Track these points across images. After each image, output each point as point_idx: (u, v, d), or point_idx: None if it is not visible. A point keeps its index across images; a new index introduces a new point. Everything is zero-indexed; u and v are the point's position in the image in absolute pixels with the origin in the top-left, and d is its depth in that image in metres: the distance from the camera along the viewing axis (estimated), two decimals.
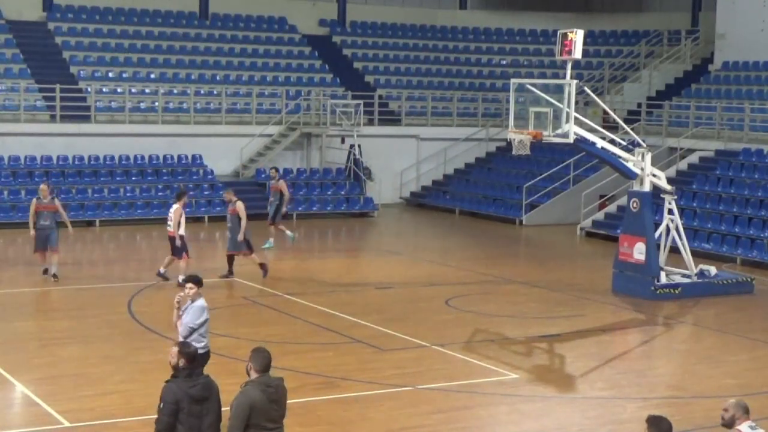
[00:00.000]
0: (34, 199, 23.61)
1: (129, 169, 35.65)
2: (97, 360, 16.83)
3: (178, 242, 22.62)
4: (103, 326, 19.29)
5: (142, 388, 14.66)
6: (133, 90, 38.28)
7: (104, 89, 38.10)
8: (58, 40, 40.11)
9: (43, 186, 24.01)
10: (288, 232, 28.76)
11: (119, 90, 38.09)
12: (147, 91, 38.65)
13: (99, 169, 35.26)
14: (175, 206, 22.86)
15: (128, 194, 34.86)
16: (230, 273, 23.85)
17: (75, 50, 39.74)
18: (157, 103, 37.94)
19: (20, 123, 35.38)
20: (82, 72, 38.59)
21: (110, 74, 39.17)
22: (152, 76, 39.60)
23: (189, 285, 12.81)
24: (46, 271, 23.19)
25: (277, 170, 29.88)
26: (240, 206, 23.60)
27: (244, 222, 23.43)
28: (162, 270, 23.04)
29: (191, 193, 32.12)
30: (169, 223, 22.81)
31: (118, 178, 35.26)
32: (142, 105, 38.14)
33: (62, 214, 23.59)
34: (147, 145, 36.17)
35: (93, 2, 41.77)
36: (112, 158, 35.68)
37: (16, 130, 34.86)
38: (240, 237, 23.44)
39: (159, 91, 38.22)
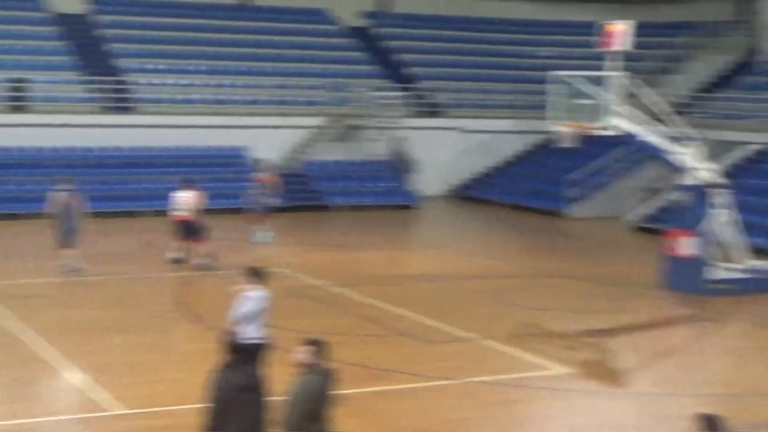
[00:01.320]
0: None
1: (173, 160, 35.77)
2: (146, 349, 16.95)
3: (200, 224, 23.42)
4: (154, 315, 19.38)
5: (189, 378, 14.68)
6: (178, 82, 38.40)
7: (149, 81, 38.25)
8: (104, 32, 40.31)
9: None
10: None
11: (164, 82, 38.23)
12: (191, 83, 38.78)
13: (143, 160, 35.42)
14: (193, 192, 23.55)
15: (171, 185, 34.87)
16: None
17: (120, 42, 39.92)
18: (201, 95, 38.06)
19: (67, 114, 35.60)
20: (128, 64, 38.77)
21: (155, 66, 39.33)
22: (196, 68, 39.72)
23: (244, 276, 12.89)
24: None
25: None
26: None
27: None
28: (174, 255, 23.43)
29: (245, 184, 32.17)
30: (182, 207, 23.45)
31: (163, 169, 35.36)
32: (187, 97, 38.27)
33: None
34: (191, 136, 36.31)
35: None
36: (157, 150, 35.83)
37: (63, 121, 35.10)
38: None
39: (203, 82, 38.32)
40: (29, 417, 13.43)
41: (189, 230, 23.53)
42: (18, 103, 35.58)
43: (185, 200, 23.73)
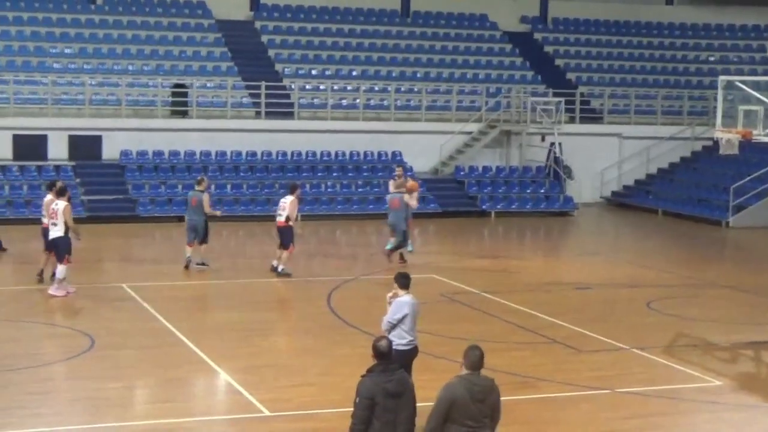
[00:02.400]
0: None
1: (330, 165, 36.20)
2: (297, 352, 17.11)
3: (294, 231, 23.44)
4: (303, 319, 19.59)
5: (340, 382, 14.76)
6: (336, 87, 38.82)
7: (307, 86, 38.78)
8: (264, 38, 41.08)
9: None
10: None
11: (322, 87, 38.70)
12: (349, 88, 39.15)
13: (301, 164, 35.91)
14: (290, 198, 23.34)
15: (329, 190, 35.39)
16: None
17: (280, 48, 40.61)
18: (358, 101, 38.39)
19: (227, 119, 36.41)
20: (286, 69, 39.41)
21: (313, 72, 39.87)
22: (354, 73, 40.11)
23: (395, 282, 12.85)
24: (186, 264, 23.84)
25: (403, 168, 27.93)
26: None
27: None
28: (277, 264, 23.32)
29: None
30: (280, 213, 23.28)
31: (319, 174, 35.84)
32: (344, 102, 38.65)
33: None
34: (348, 141, 36.65)
35: (298, 1, 42.60)
36: (314, 154, 36.27)
37: (224, 126, 35.91)
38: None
39: (360, 88, 38.64)
40: (182, 416, 13.67)
41: (282, 237, 23.39)
42: (180, 108, 36.50)
43: (282, 206, 23.47)
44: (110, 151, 34.78)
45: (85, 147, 34.45)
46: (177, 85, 36.79)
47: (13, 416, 13.28)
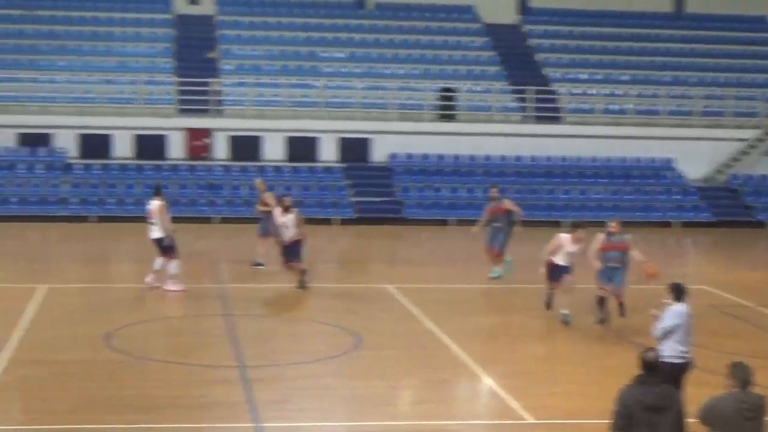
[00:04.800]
0: None
1: (598, 171, 35.55)
2: (559, 358, 16.76)
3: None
4: (568, 326, 19.15)
5: (604, 391, 14.24)
6: (604, 92, 38.08)
7: (576, 91, 38.23)
8: (533, 42, 40.77)
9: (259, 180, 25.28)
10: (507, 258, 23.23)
11: (590, 92, 38.05)
12: (618, 92, 38.34)
13: (567, 170, 35.43)
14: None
15: (596, 196, 34.77)
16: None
17: (548, 52, 40.23)
18: (627, 106, 37.53)
19: (494, 123, 36.33)
20: (554, 74, 38.98)
21: (582, 76, 39.26)
22: (623, 77, 39.23)
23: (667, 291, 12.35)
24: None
25: (498, 188, 24.15)
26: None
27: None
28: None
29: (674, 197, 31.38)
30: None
31: (586, 180, 35.25)
32: (613, 107, 37.86)
33: None
34: (616, 147, 35.89)
35: (567, 5, 42.08)
36: (581, 160, 35.72)
37: (490, 130, 35.84)
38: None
39: (630, 93, 37.76)
40: (444, 419, 13.58)
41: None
42: (447, 111, 36.69)
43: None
44: (379, 153, 35.36)
45: (354, 149, 35.17)
46: (445, 89, 37.03)
47: (280, 410, 13.53)
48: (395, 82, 37.38)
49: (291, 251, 21.33)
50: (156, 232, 20.89)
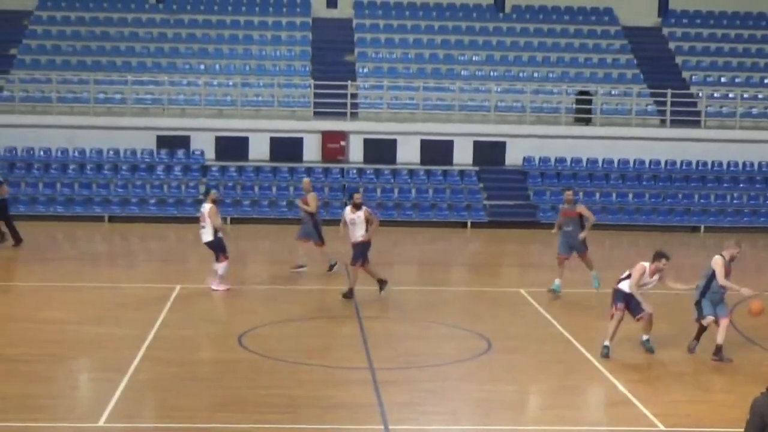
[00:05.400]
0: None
1: (737, 175, 34.74)
2: (693, 365, 16.36)
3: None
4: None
5: (737, 399, 13.97)
6: (746, 95, 37.16)
7: (716, 94, 37.41)
8: (672, 45, 40.05)
9: (306, 180, 24.66)
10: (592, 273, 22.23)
11: (731, 95, 37.18)
12: (760, 96, 37.41)
13: (706, 174, 34.72)
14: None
15: (735, 201, 34.01)
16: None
17: (688, 55, 39.47)
18: (765, 109, 36.63)
19: (631, 127, 35.80)
20: (694, 77, 38.21)
21: (723, 79, 38.41)
22: (766, 80, 38.25)
23: None
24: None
25: (573, 191, 23.66)
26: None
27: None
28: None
29: None
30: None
31: (725, 185, 34.49)
32: (754, 110, 36.94)
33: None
34: (757, 151, 35.05)
35: (708, 6, 41.27)
36: (720, 164, 34.94)
37: (627, 134, 35.33)
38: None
39: None
40: (574, 425, 13.41)
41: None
42: (583, 115, 36.28)
43: None
44: (513, 157, 35.15)
45: (489, 153, 35.02)
46: (581, 92, 36.63)
47: (411, 412, 13.54)
48: (531, 85, 37.13)
49: (356, 252, 20.85)
50: (207, 235, 21.10)
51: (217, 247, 21.17)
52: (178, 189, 33.47)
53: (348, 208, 21.10)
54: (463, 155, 35.05)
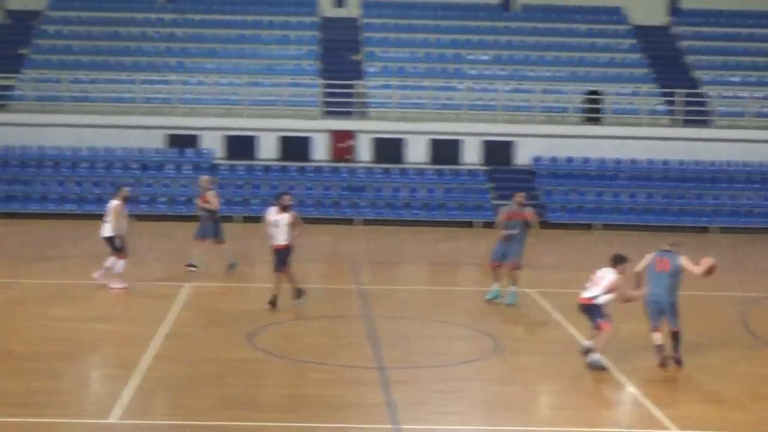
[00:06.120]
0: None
1: (750, 175, 34.66)
2: (705, 368, 16.27)
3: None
4: (714, 334, 18.63)
5: (751, 402, 13.91)
6: (758, 95, 37.04)
7: (726, 93, 37.29)
8: (682, 44, 39.94)
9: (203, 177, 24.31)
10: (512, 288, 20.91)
11: (742, 95, 37.07)
12: None
13: (717, 174, 34.62)
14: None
15: (746, 201, 33.94)
16: None
17: (698, 54, 39.35)
18: None
19: (641, 127, 35.71)
20: (704, 76, 38.10)
21: (734, 79, 38.29)
22: None
23: None
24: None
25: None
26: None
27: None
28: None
29: None
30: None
31: (736, 186, 34.40)
32: (766, 110, 36.83)
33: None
34: None
35: (718, 6, 41.19)
36: (731, 164, 34.86)
37: (637, 133, 35.25)
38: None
39: None
40: (583, 426, 13.34)
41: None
42: (592, 115, 36.21)
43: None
44: (522, 156, 35.09)
45: (497, 152, 34.98)
46: (590, 92, 36.56)
47: (419, 412, 13.49)
48: (540, 85, 37.07)
49: (278, 259, 19.42)
50: (107, 231, 21.02)
51: (117, 245, 21.04)
52: (187, 187, 33.46)
53: (273, 209, 19.39)
54: (471, 155, 35.01)
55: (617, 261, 15.74)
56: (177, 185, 33.59)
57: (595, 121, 36.19)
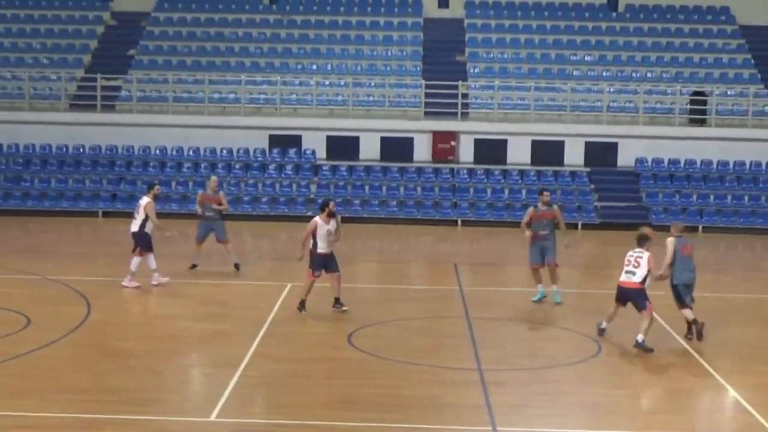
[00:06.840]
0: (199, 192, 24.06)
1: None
2: None
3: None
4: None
5: None
6: None
7: None
8: None
9: (213, 178, 23.97)
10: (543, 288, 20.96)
11: None
12: None
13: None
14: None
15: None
16: None
17: None
18: None
19: (747, 128, 35.13)
20: None
21: None
22: None
23: None
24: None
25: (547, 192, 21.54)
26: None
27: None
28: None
29: None
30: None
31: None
32: None
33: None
34: None
35: None
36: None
37: (743, 135, 34.79)
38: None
39: None
40: (684, 430, 13.18)
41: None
42: (698, 116, 35.68)
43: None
44: (625, 158, 34.72)
45: (600, 153, 34.66)
46: (696, 93, 36.02)
47: (519, 414, 13.47)
48: (644, 86, 36.64)
49: (326, 262, 19.17)
50: (135, 226, 21.20)
51: (141, 241, 21.18)
52: (289, 188, 33.77)
53: (320, 218, 19.01)
54: (574, 156, 34.73)
55: (645, 240, 17.06)
56: (279, 185, 33.91)
57: (701, 122, 35.64)
